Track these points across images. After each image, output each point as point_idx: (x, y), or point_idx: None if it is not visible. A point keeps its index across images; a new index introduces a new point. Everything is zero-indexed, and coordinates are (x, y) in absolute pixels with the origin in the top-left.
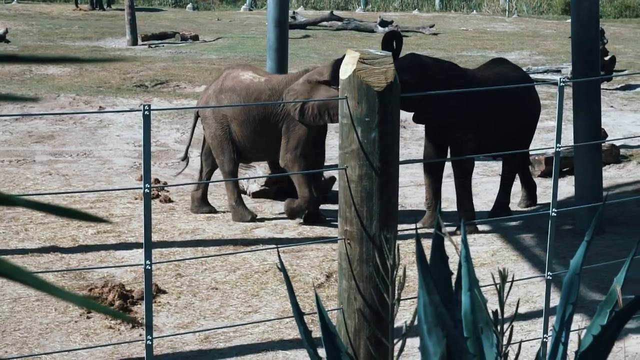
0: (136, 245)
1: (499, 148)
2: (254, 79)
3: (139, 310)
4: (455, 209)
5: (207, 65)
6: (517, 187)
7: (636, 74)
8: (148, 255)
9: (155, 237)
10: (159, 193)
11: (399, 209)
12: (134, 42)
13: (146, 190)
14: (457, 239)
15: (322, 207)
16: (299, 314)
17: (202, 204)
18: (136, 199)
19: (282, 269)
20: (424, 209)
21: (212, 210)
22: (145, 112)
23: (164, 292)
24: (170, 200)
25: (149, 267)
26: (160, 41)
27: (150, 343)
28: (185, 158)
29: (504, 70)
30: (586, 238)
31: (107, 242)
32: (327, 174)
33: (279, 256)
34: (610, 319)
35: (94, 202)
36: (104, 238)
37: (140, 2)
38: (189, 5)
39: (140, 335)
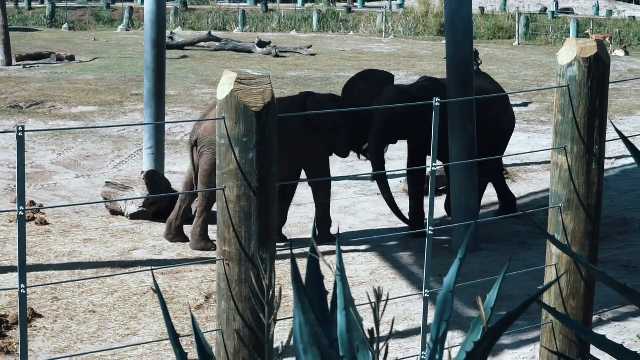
0: (11, 269)
1: None
2: None
3: (14, 335)
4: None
5: (84, 86)
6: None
7: (509, 94)
8: (23, 279)
9: (30, 260)
10: (35, 215)
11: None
12: (8, 63)
13: (20, 212)
14: (333, 258)
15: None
16: (174, 336)
17: (178, 233)
18: (11, 221)
19: (157, 291)
20: (298, 231)
21: (187, 240)
22: (19, 134)
23: (40, 316)
24: (46, 223)
25: (24, 291)
26: (35, 61)
27: None
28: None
29: (480, 83)
30: (459, 256)
31: None
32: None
33: (153, 278)
34: (483, 335)
35: None
36: None
37: (15, 22)
38: (65, 26)
39: None
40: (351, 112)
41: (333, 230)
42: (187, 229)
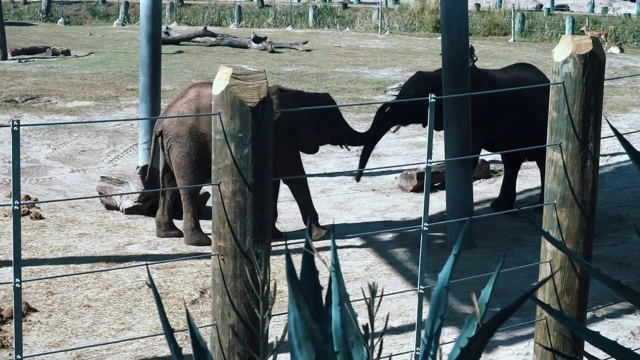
0: (6, 263)
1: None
2: None
3: (9, 329)
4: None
5: (79, 80)
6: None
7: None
8: (18, 273)
9: (25, 255)
10: (30, 210)
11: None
12: (4, 57)
13: (15, 207)
14: (328, 254)
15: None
16: (168, 331)
17: (169, 228)
18: (6, 215)
19: (152, 285)
20: (294, 225)
21: (180, 234)
22: (15, 128)
23: (35, 310)
24: (41, 217)
25: (19, 285)
26: (30, 56)
27: None
28: (149, 177)
29: (526, 74)
30: (453, 252)
31: None
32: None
33: (148, 273)
34: (477, 331)
35: None
36: None
37: (10, 16)
38: (61, 20)
39: (10, 354)
40: (317, 109)
41: (322, 223)
42: (179, 225)
